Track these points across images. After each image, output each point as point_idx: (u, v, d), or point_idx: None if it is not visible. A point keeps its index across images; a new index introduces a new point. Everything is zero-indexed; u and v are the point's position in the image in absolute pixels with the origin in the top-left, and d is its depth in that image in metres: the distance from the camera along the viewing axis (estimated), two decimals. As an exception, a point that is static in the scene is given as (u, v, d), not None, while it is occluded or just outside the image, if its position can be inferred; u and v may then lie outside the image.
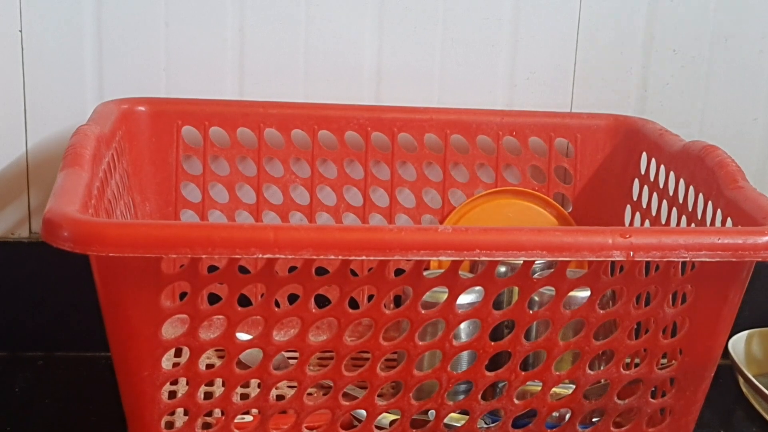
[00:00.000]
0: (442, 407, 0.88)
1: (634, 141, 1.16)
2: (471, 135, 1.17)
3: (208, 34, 1.15)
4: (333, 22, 1.16)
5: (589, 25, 1.20)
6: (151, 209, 1.13)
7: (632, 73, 1.22)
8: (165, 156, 1.13)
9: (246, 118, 1.14)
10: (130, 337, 0.81)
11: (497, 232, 0.79)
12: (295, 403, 0.86)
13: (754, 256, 0.81)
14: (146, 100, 1.12)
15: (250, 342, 0.82)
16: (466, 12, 1.17)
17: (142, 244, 0.74)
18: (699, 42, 1.21)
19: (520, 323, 0.85)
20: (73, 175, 0.84)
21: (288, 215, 1.16)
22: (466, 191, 1.18)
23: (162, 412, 0.85)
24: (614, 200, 1.18)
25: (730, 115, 1.24)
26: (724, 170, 0.96)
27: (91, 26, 1.12)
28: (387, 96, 1.19)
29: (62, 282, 1.12)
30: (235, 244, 0.75)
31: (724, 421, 1.10)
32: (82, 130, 0.94)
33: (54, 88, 1.13)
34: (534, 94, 1.21)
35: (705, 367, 0.91)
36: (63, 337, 1.15)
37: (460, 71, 1.19)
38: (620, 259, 0.79)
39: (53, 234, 0.74)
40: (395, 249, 0.77)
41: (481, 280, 0.82)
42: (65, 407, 1.06)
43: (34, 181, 1.16)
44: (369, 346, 0.84)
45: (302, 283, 0.80)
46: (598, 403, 0.91)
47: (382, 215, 1.18)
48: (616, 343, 0.87)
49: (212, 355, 1.06)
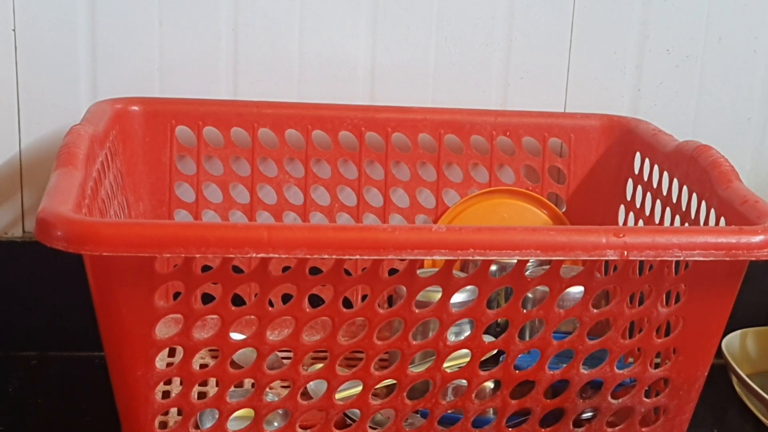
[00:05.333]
0: (436, 407, 0.88)
1: (627, 141, 1.16)
2: (465, 135, 1.17)
3: (201, 34, 1.15)
4: (327, 22, 1.16)
5: (583, 24, 1.20)
6: (145, 209, 1.13)
7: (626, 73, 1.22)
8: (159, 156, 1.13)
9: (240, 117, 1.14)
10: (123, 336, 0.81)
11: (491, 232, 0.79)
12: (289, 403, 0.86)
13: (747, 256, 0.81)
14: (140, 99, 1.12)
15: (243, 342, 0.82)
16: (460, 12, 1.17)
17: (135, 244, 0.74)
18: (693, 42, 1.22)
19: (514, 322, 0.85)
20: (66, 175, 0.83)
21: (282, 215, 1.16)
22: (460, 191, 1.18)
23: (156, 411, 0.85)
24: (608, 200, 1.18)
25: (724, 115, 1.24)
26: (718, 170, 0.96)
27: (84, 26, 1.12)
28: (381, 96, 1.19)
29: (56, 282, 1.12)
30: (229, 244, 0.75)
31: (718, 421, 1.10)
32: (75, 130, 0.94)
33: (47, 88, 1.13)
34: (528, 94, 1.21)
35: (698, 367, 0.91)
36: (56, 336, 1.15)
37: (454, 71, 1.19)
38: (614, 258, 0.80)
39: (47, 233, 0.74)
40: (389, 248, 0.77)
41: (475, 280, 0.82)
42: (59, 407, 1.06)
43: (27, 180, 1.15)
44: (363, 345, 0.84)
45: (296, 282, 0.80)
46: (592, 402, 0.91)
47: (376, 215, 1.18)
48: (610, 343, 0.88)
49: (206, 354, 1.06)
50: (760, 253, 0.81)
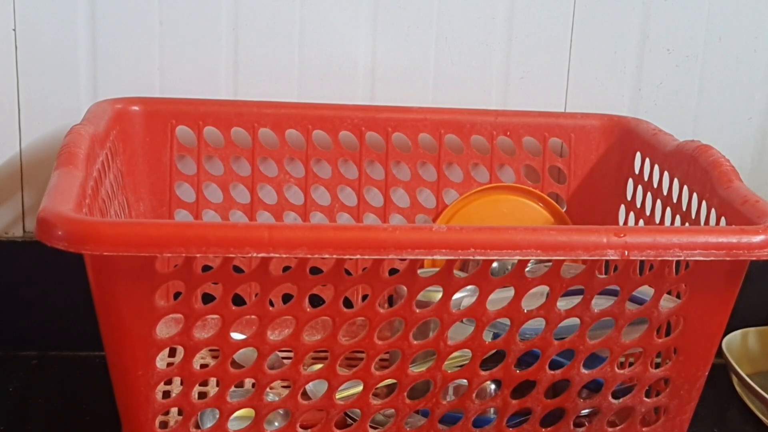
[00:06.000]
0: (437, 406, 0.88)
1: (628, 141, 1.16)
2: (465, 135, 1.17)
3: (202, 34, 1.15)
4: (327, 22, 1.16)
5: (583, 24, 1.20)
6: (145, 209, 1.13)
7: (626, 72, 1.22)
8: (159, 156, 1.13)
9: (240, 117, 1.14)
10: (124, 336, 0.81)
11: (492, 231, 0.79)
12: (290, 403, 0.86)
13: (748, 255, 0.81)
14: (140, 99, 1.12)
15: (244, 341, 0.82)
16: (461, 11, 1.17)
17: (136, 243, 0.74)
18: (693, 41, 1.22)
19: (515, 322, 0.85)
20: (67, 175, 0.83)
21: (282, 215, 1.16)
22: (460, 191, 1.18)
23: (156, 411, 0.84)
24: (608, 200, 1.18)
25: (724, 115, 1.24)
26: (718, 170, 0.96)
27: (85, 25, 1.12)
28: (381, 96, 1.19)
29: (56, 281, 1.12)
30: (229, 243, 0.75)
31: (718, 420, 1.10)
32: (76, 130, 0.94)
33: (48, 88, 1.13)
34: (528, 94, 1.21)
35: (699, 366, 0.91)
36: (57, 336, 1.15)
37: (454, 71, 1.19)
38: (615, 258, 0.79)
39: (47, 233, 0.74)
40: (390, 248, 0.77)
41: (476, 279, 0.82)
42: (59, 407, 1.06)
43: (28, 180, 1.15)
44: (364, 345, 0.84)
45: (296, 282, 0.80)
46: (592, 402, 0.91)
47: (377, 215, 1.18)
48: (611, 342, 0.88)
49: (206, 354, 1.06)
50: (761, 252, 0.81)
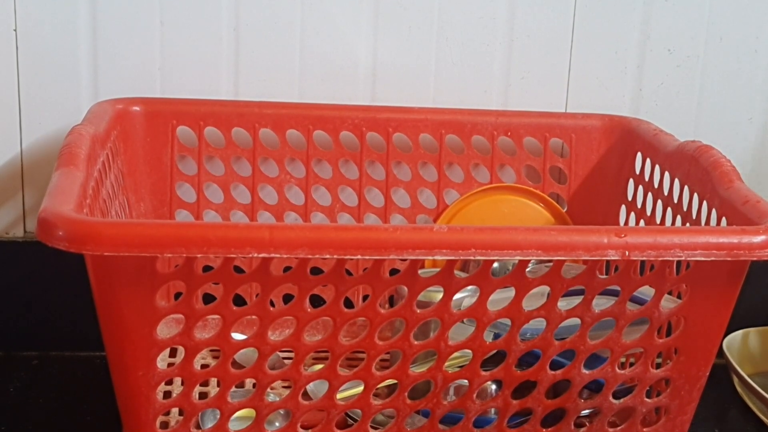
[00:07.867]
0: (437, 406, 0.88)
1: (628, 141, 1.16)
2: (466, 135, 1.17)
3: (203, 34, 1.15)
4: (328, 22, 1.16)
5: (584, 24, 1.20)
6: (146, 209, 1.13)
7: (627, 73, 1.22)
8: (160, 156, 1.13)
9: (241, 118, 1.14)
10: (125, 336, 0.81)
11: (492, 232, 0.79)
12: (291, 403, 0.86)
13: (749, 256, 0.81)
14: (141, 100, 1.12)
15: (245, 342, 0.82)
16: (461, 12, 1.17)
17: (137, 244, 0.74)
18: (694, 42, 1.22)
19: (516, 322, 0.85)
20: (68, 175, 0.83)
21: (283, 215, 1.16)
22: (461, 191, 1.18)
23: (157, 411, 0.84)
24: (609, 200, 1.18)
25: (725, 115, 1.24)
26: (719, 170, 0.96)
27: (86, 26, 1.12)
28: (382, 96, 1.19)
29: (57, 281, 1.12)
30: (230, 244, 0.75)
31: (719, 421, 1.10)
32: (76, 130, 0.94)
33: (49, 88, 1.13)
34: (529, 94, 1.21)
35: (700, 367, 0.91)
36: (58, 336, 1.15)
37: (455, 71, 1.19)
38: (615, 258, 0.79)
39: (48, 233, 0.74)
40: (391, 248, 0.77)
41: (476, 280, 0.82)
42: (60, 407, 1.06)
43: (28, 180, 1.15)
44: (364, 345, 0.84)
45: (297, 282, 0.80)
46: (593, 403, 0.91)
47: (377, 215, 1.18)
48: (612, 343, 0.87)
49: (207, 355, 1.06)
50: (762, 253, 0.81)
